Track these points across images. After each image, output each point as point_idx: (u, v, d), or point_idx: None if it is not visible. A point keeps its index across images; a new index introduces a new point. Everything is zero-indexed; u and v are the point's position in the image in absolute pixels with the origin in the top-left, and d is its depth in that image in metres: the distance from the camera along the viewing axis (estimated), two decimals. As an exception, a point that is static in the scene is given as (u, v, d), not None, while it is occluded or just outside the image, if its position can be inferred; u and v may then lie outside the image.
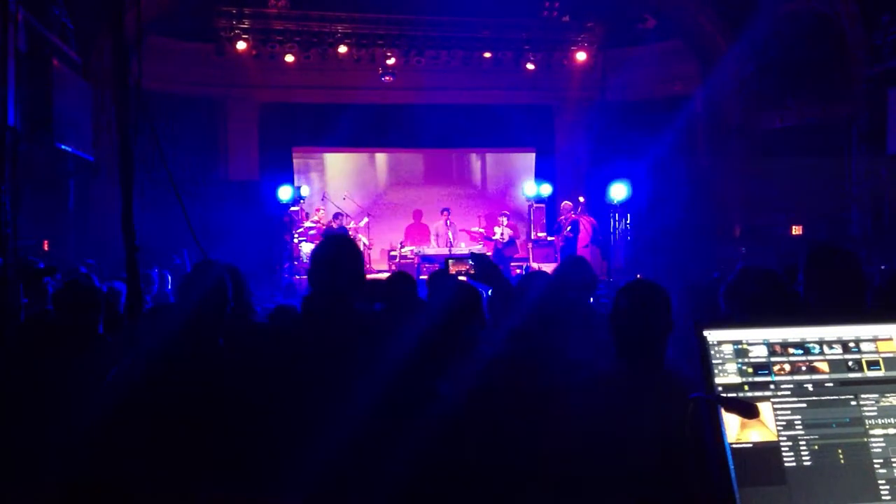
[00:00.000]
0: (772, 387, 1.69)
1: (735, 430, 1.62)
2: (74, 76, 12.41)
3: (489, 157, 19.84)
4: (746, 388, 1.68)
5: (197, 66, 17.47)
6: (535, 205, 18.28)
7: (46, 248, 12.11)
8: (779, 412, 1.67)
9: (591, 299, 4.71)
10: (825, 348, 1.75)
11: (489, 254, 15.39)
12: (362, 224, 16.96)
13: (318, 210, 17.14)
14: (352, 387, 2.75)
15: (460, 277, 4.40)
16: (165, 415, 3.07)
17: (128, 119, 3.12)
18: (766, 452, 1.62)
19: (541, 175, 18.84)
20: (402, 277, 4.85)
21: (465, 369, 3.13)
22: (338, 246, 3.24)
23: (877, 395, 1.72)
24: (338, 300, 3.06)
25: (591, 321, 4.03)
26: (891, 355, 1.76)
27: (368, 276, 4.48)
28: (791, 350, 1.73)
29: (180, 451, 2.91)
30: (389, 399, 2.76)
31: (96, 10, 13.29)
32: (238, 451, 2.82)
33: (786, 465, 1.62)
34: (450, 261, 4.75)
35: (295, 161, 18.75)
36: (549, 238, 16.82)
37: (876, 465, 1.66)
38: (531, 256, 16.86)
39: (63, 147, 11.55)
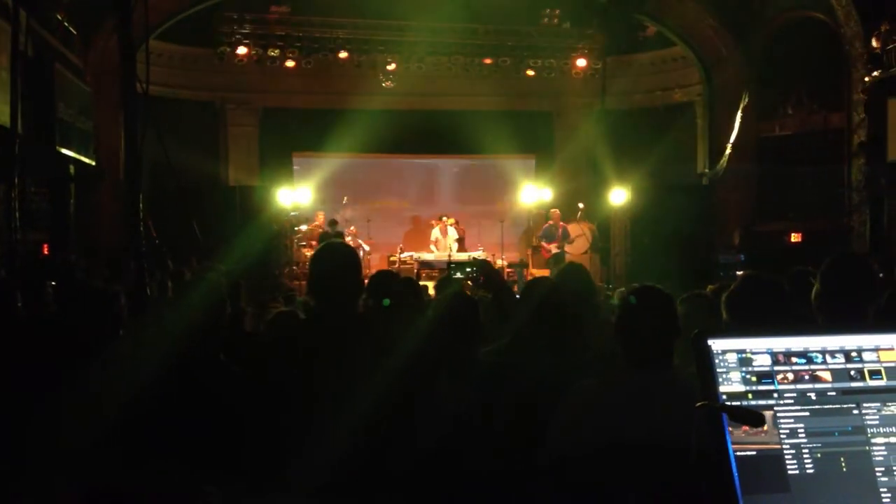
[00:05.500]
0: (775, 395, 1.70)
1: (739, 437, 1.63)
2: (76, 80, 12.43)
3: (489, 163, 19.80)
4: (750, 396, 1.69)
5: (197, 72, 17.49)
6: (534, 211, 18.28)
7: (46, 252, 12.10)
8: (782, 420, 1.68)
9: (594, 305, 4.73)
10: (828, 357, 1.76)
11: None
12: (351, 229, 16.91)
13: (317, 215, 17.15)
14: (356, 391, 2.77)
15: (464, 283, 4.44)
16: (168, 420, 3.08)
17: (135, 124, 3.13)
18: (769, 460, 1.64)
19: (540, 182, 18.82)
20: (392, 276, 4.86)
21: (468, 374, 3.15)
22: (337, 254, 3.26)
23: (878, 405, 1.74)
24: (340, 306, 3.08)
25: (594, 326, 4.04)
26: (892, 365, 1.77)
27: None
28: (794, 359, 1.74)
29: (184, 458, 2.92)
30: (391, 403, 2.77)
31: (98, 15, 13.32)
32: (243, 456, 2.84)
33: (789, 472, 1.64)
34: (452, 266, 4.79)
35: (295, 166, 18.75)
36: (546, 245, 16.79)
37: (878, 474, 1.67)
38: (531, 263, 16.86)
39: (64, 151, 11.56)
